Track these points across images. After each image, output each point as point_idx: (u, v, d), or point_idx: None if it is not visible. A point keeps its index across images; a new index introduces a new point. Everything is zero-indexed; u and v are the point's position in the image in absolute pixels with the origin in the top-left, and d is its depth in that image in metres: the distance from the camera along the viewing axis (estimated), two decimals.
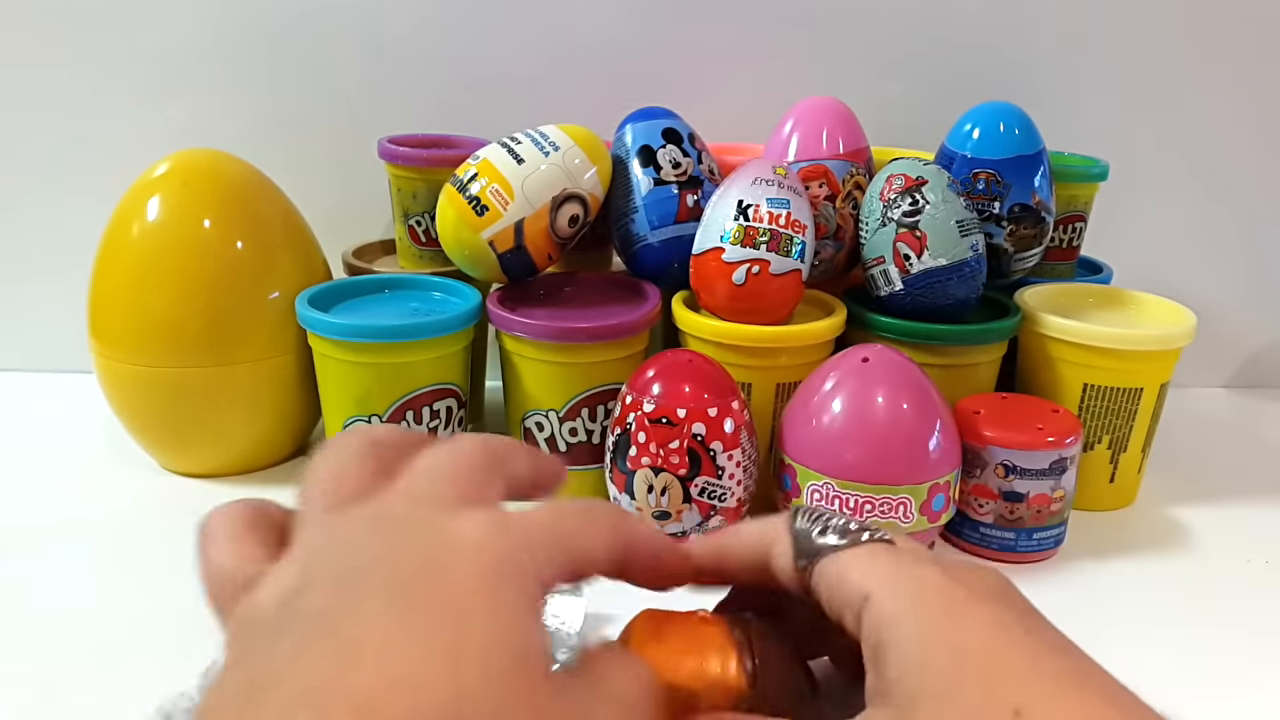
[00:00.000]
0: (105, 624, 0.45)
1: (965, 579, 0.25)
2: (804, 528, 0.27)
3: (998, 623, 0.23)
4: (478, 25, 0.70)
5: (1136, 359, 0.55)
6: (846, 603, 0.25)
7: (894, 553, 0.26)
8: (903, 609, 0.24)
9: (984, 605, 0.24)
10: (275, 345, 0.57)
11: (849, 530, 0.27)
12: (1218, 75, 0.73)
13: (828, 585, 0.26)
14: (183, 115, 0.70)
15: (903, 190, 0.54)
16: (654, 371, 0.50)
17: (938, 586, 0.24)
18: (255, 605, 0.23)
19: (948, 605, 0.24)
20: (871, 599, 0.24)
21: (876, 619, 0.24)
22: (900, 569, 0.25)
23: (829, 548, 0.26)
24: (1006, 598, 0.25)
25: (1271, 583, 0.52)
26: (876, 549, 0.26)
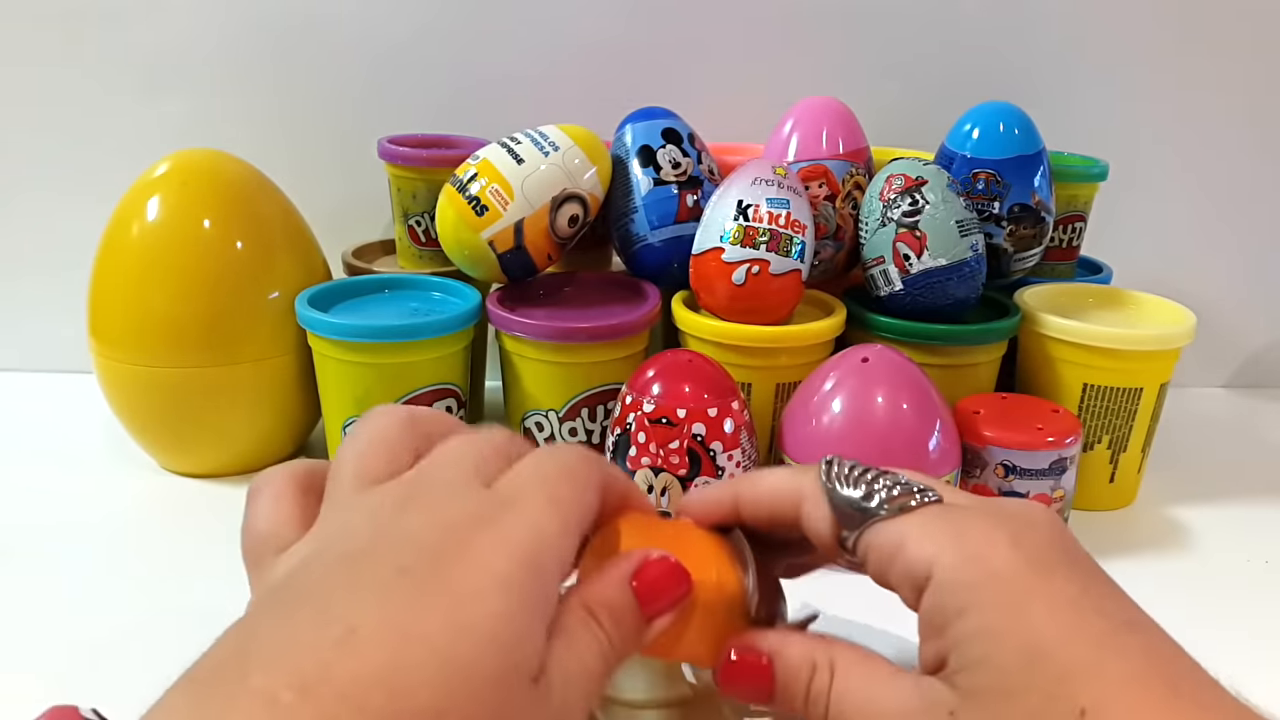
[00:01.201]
0: (105, 624, 0.45)
1: (1028, 541, 0.24)
2: (846, 494, 0.26)
3: (1068, 604, 0.22)
4: (477, 25, 0.70)
5: (1136, 359, 0.55)
6: (905, 577, 0.24)
7: (949, 518, 0.24)
8: (968, 596, 0.23)
9: (1051, 581, 0.23)
10: (275, 345, 0.57)
11: (896, 495, 0.25)
12: (1218, 75, 0.73)
13: (880, 555, 0.25)
14: (183, 115, 0.70)
15: (903, 190, 0.54)
16: (654, 371, 0.50)
17: (1003, 564, 0.23)
18: (273, 573, 0.23)
19: (1015, 589, 0.23)
20: (934, 580, 0.23)
21: (940, 603, 0.23)
22: (962, 541, 0.24)
23: (878, 516, 0.25)
24: (1071, 559, 0.24)
25: (1271, 583, 0.52)
26: (930, 514, 0.25)
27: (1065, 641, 0.22)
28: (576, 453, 0.26)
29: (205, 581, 0.49)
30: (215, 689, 0.19)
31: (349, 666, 0.18)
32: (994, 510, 0.25)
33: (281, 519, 0.24)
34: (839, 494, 0.26)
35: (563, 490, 0.24)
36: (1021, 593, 0.22)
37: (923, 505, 0.25)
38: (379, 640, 0.19)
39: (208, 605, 0.47)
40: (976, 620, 0.22)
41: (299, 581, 0.21)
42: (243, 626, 0.21)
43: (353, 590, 0.20)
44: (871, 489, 0.26)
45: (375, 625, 0.19)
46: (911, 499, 0.25)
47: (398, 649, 0.19)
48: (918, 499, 0.25)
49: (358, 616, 0.19)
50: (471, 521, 0.22)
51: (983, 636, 0.22)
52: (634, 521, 0.27)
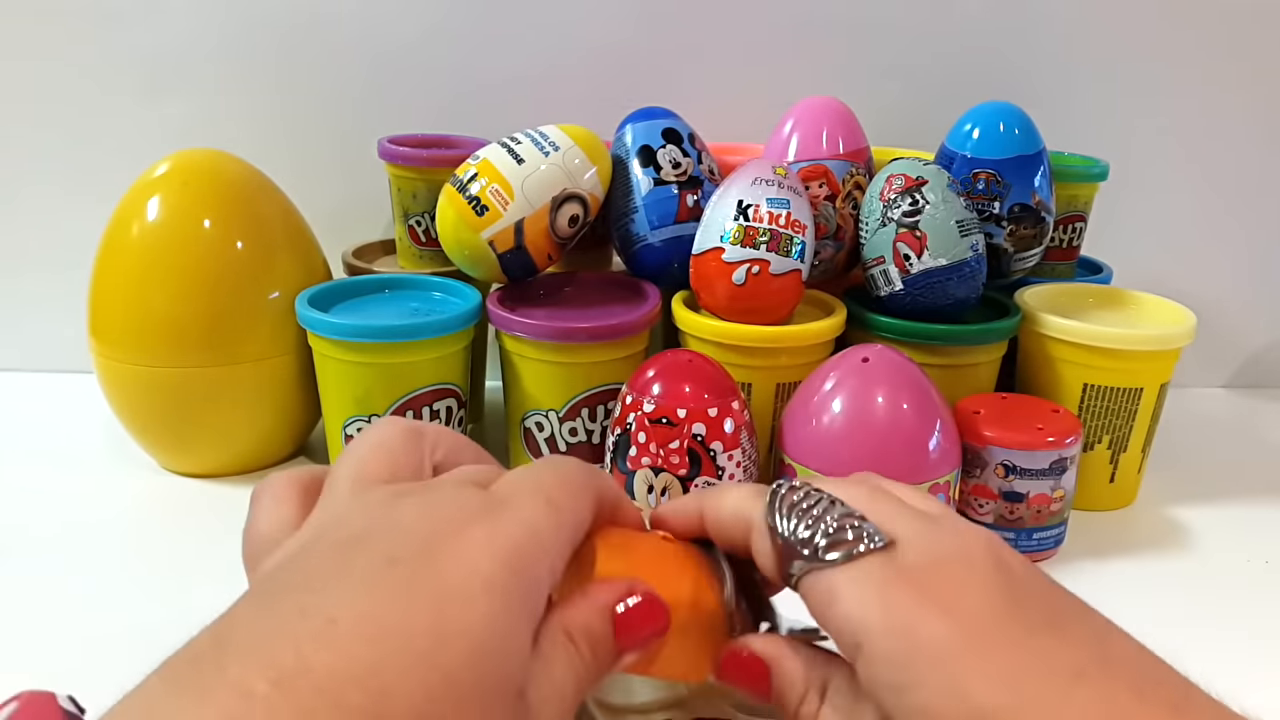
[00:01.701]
0: (105, 624, 0.45)
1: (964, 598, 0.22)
2: (786, 530, 0.25)
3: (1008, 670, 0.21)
4: (478, 26, 0.70)
5: (1136, 359, 0.55)
6: (836, 635, 0.24)
7: (883, 577, 0.23)
8: (902, 675, 0.22)
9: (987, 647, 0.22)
10: (275, 345, 0.57)
11: (840, 541, 0.24)
12: (1218, 74, 0.73)
13: (817, 603, 0.24)
14: (183, 115, 0.70)
15: (903, 190, 0.54)
16: (654, 371, 0.50)
17: (934, 634, 0.22)
18: (264, 568, 0.23)
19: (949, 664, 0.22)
20: (864, 651, 0.23)
21: (874, 676, 0.23)
22: (890, 609, 0.22)
23: (818, 562, 0.24)
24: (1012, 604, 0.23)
25: (1271, 583, 0.52)
26: (866, 568, 0.23)
27: (1007, 709, 0.21)
28: (573, 463, 0.26)
29: (205, 581, 0.49)
30: (191, 679, 0.18)
31: (326, 660, 0.18)
32: (931, 561, 0.24)
33: (282, 521, 0.24)
34: (779, 530, 0.25)
35: (559, 495, 0.24)
36: (957, 668, 0.21)
37: (867, 553, 0.24)
38: (360, 634, 0.19)
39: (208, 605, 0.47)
40: (916, 700, 0.22)
41: (285, 572, 0.21)
42: (225, 616, 0.20)
43: (339, 579, 0.20)
44: (815, 532, 0.24)
45: (357, 618, 0.19)
46: (856, 545, 0.24)
47: (379, 646, 0.18)
48: (864, 545, 0.24)
49: (340, 608, 0.19)
50: (465, 516, 0.22)
51: (921, 715, 0.21)
52: (612, 539, 0.27)
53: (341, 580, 0.20)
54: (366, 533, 0.21)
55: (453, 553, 0.21)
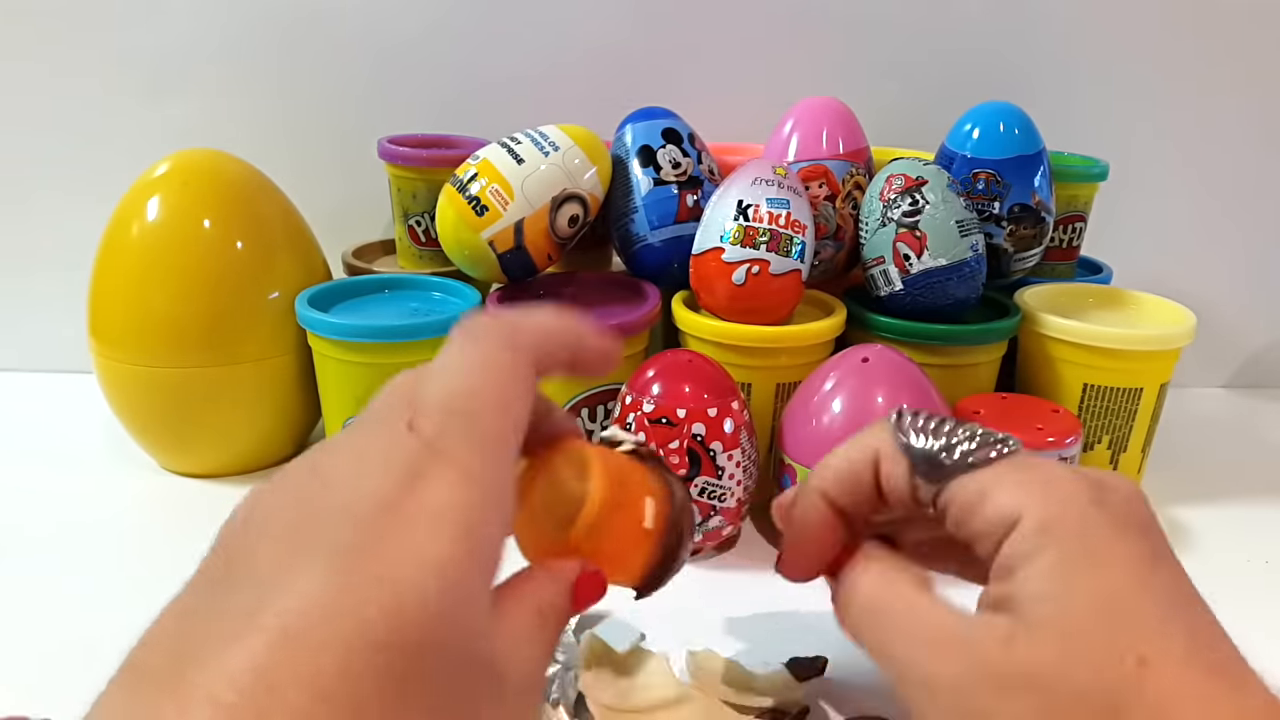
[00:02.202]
0: (105, 624, 0.45)
1: (1109, 500, 0.24)
2: (923, 447, 0.26)
3: (1143, 563, 0.23)
4: (478, 25, 0.70)
5: (1136, 359, 0.55)
6: (987, 526, 0.24)
7: (1033, 469, 0.25)
8: (1048, 541, 0.23)
9: (1128, 540, 0.23)
10: (275, 345, 0.57)
11: (976, 446, 0.25)
12: (1218, 75, 0.73)
13: (963, 507, 0.25)
14: (184, 115, 0.70)
15: (903, 190, 0.54)
16: (654, 371, 0.50)
17: (1086, 515, 0.23)
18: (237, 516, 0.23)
19: (1094, 539, 0.23)
20: (1020, 526, 0.23)
21: (1021, 548, 0.23)
22: (1047, 492, 0.24)
23: (961, 468, 0.25)
24: (1148, 528, 0.24)
25: (1271, 583, 0.52)
26: (1012, 465, 0.25)
27: (1136, 594, 0.22)
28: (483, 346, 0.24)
29: None
30: (153, 687, 0.19)
31: (288, 667, 0.18)
32: (1075, 469, 0.25)
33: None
34: (916, 448, 0.26)
35: (490, 419, 0.22)
36: (1100, 543, 0.23)
37: (1002, 456, 0.25)
38: (316, 637, 0.18)
39: None
40: (1053, 559, 0.23)
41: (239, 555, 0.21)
42: (182, 607, 0.21)
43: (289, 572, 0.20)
44: (950, 441, 0.25)
45: (313, 619, 0.18)
46: (992, 450, 0.25)
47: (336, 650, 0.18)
48: (998, 449, 0.25)
49: (293, 606, 0.19)
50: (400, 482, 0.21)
51: (1056, 576, 0.23)
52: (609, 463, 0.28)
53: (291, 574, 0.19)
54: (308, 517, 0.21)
55: (397, 539, 0.20)
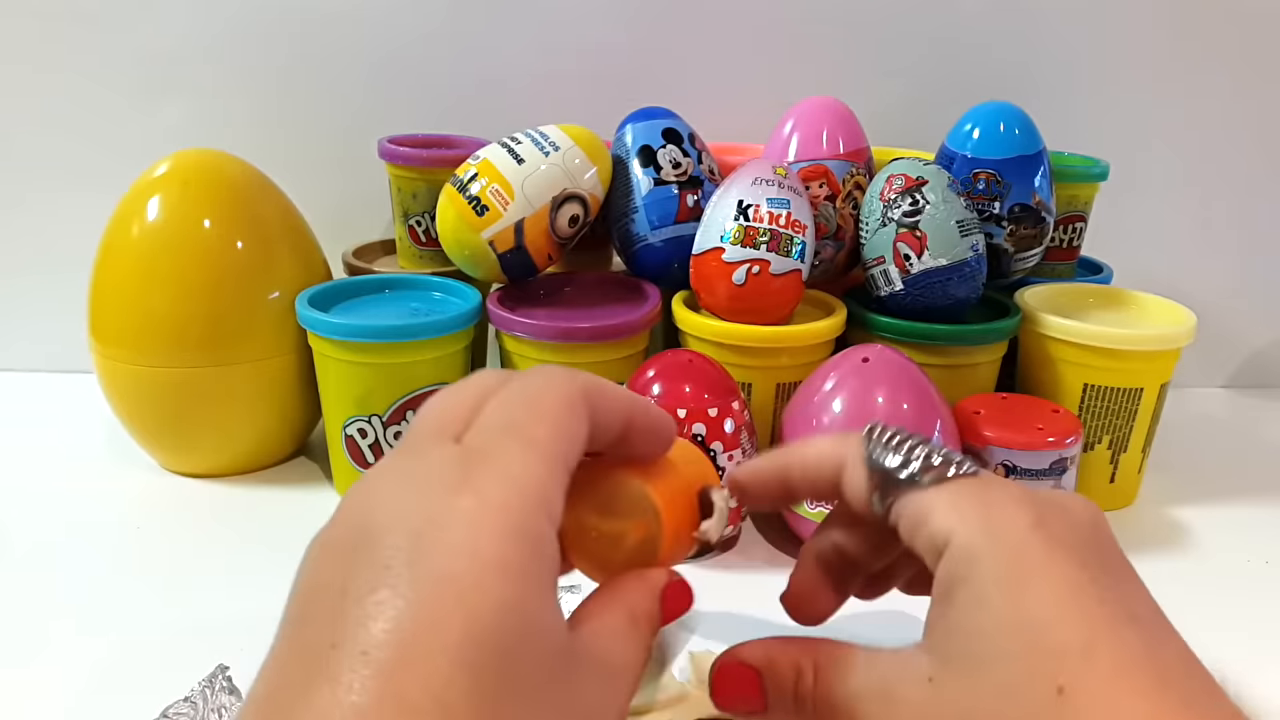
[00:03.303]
0: (105, 623, 0.45)
1: (1052, 524, 0.24)
2: (885, 462, 0.26)
3: (1071, 587, 0.22)
4: (478, 25, 0.70)
5: (1136, 359, 0.55)
6: (928, 545, 0.25)
7: (979, 492, 0.25)
8: (974, 567, 0.23)
9: (1061, 563, 0.23)
10: (275, 345, 0.57)
11: (934, 465, 0.26)
12: (1218, 75, 0.73)
13: (908, 524, 0.25)
14: (183, 115, 0.70)
15: (903, 190, 0.54)
16: (654, 371, 0.50)
17: (1017, 540, 0.23)
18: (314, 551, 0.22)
19: (1020, 564, 0.23)
20: (949, 548, 0.24)
21: (950, 570, 0.23)
22: (984, 515, 0.24)
23: (911, 485, 0.25)
24: (1094, 548, 0.24)
25: (1271, 583, 0.52)
26: (961, 488, 0.25)
27: (1058, 621, 0.22)
28: (544, 375, 0.24)
29: (205, 581, 0.49)
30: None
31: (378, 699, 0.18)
32: (1028, 493, 0.25)
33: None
34: (877, 461, 0.26)
35: (537, 429, 0.23)
36: (1026, 569, 0.23)
37: (958, 477, 0.25)
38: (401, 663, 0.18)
39: (208, 605, 0.47)
40: (978, 587, 0.23)
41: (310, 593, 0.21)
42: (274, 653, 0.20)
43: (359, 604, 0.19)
44: (909, 458, 0.26)
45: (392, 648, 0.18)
46: (948, 469, 0.25)
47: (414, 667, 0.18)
48: (954, 469, 0.25)
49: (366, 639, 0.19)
50: (446, 489, 0.21)
51: (977, 604, 0.23)
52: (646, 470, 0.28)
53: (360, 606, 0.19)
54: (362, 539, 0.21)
55: (448, 544, 0.20)
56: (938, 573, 0.24)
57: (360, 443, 0.55)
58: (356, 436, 0.54)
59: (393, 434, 0.54)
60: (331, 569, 0.20)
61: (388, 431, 0.54)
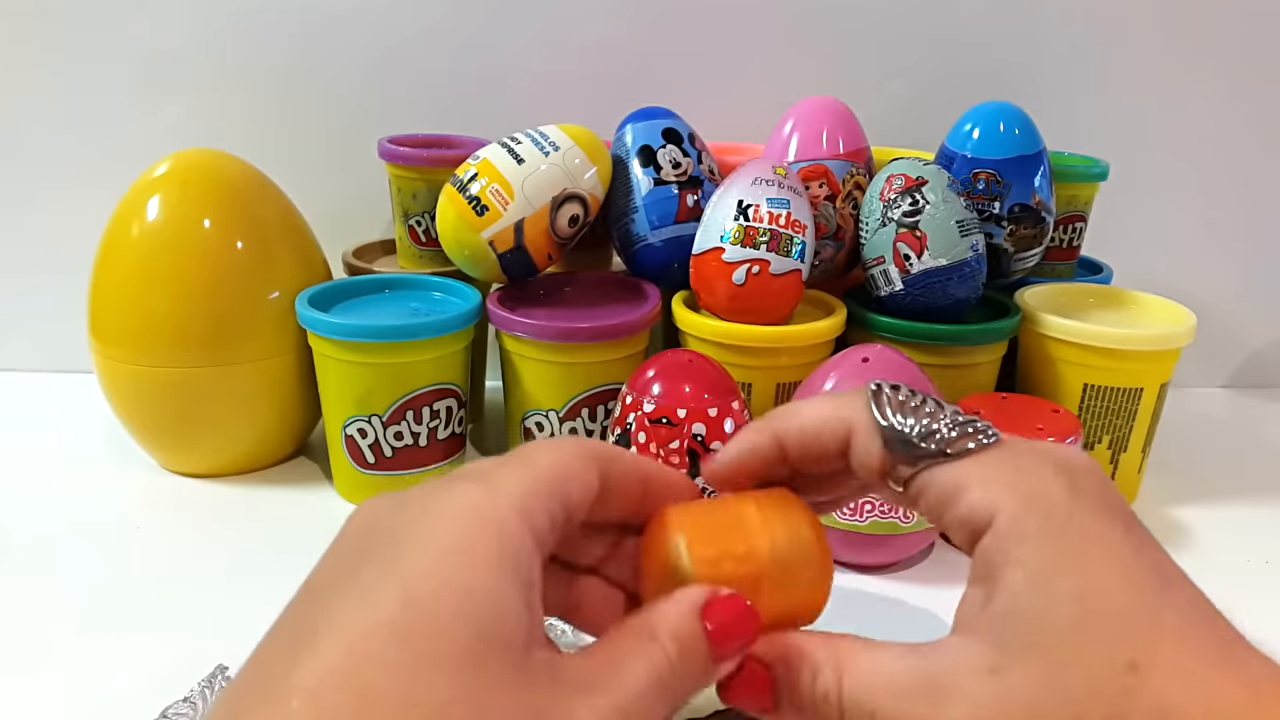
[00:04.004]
0: (105, 625, 0.45)
1: (1084, 489, 0.23)
2: (901, 428, 0.24)
3: (1123, 554, 0.22)
4: (478, 25, 0.70)
5: (1136, 359, 0.55)
6: (962, 522, 0.23)
7: (1009, 462, 0.24)
8: (1026, 545, 0.22)
9: (1108, 530, 0.22)
10: (275, 345, 0.57)
11: (956, 435, 0.24)
12: (1218, 75, 0.73)
13: (938, 498, 0.24)
14: (183, 115, 0.70)
15: (903, 190, 0.54)
16: (654, 371, 0.49)
17: (1063, 512, 0.22)
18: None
19: (1071, 540, 0.22)
20: (994, 527, 0.23)
21: (998, 548, 0.22)
22: (1023, 489, 0.23)
23: (939, 457, 0.24)
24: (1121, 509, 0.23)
25: (1271, 583, 0.52)
26: (990, 458, 0.24)
27: (1119, 591, 0.21)
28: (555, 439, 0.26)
29: (205, 581, 0.49)
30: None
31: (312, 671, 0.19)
32: (1050, 454, 0.24)
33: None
34: (893, 428, 0.24)
35: (537, 453, 0.24)
36: (1079, 544, 0.22)
37: (982, 448, 0.24)
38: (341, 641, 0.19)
39: (208, 605, 0.47)
40: (1030, 568, 0.22)
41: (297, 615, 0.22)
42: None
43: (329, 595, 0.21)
44: (929, 425, 0.24)
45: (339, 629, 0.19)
46: (970, 440, 0.24)
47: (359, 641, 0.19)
48: (977, 440, 0.24)
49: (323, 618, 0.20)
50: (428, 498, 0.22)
51: (1035, 586, 0.22)
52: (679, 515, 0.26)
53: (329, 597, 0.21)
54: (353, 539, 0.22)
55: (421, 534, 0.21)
56: (978, 552, 0.23)
57: (360, 443, 0.55)
58: (356, 436, 0.54)
59: (393, 434, 0.54)
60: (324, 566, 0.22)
61: (388, 431, 0.54)
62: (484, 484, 0.22)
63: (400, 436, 0.54)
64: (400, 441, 0.55)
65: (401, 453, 0.55)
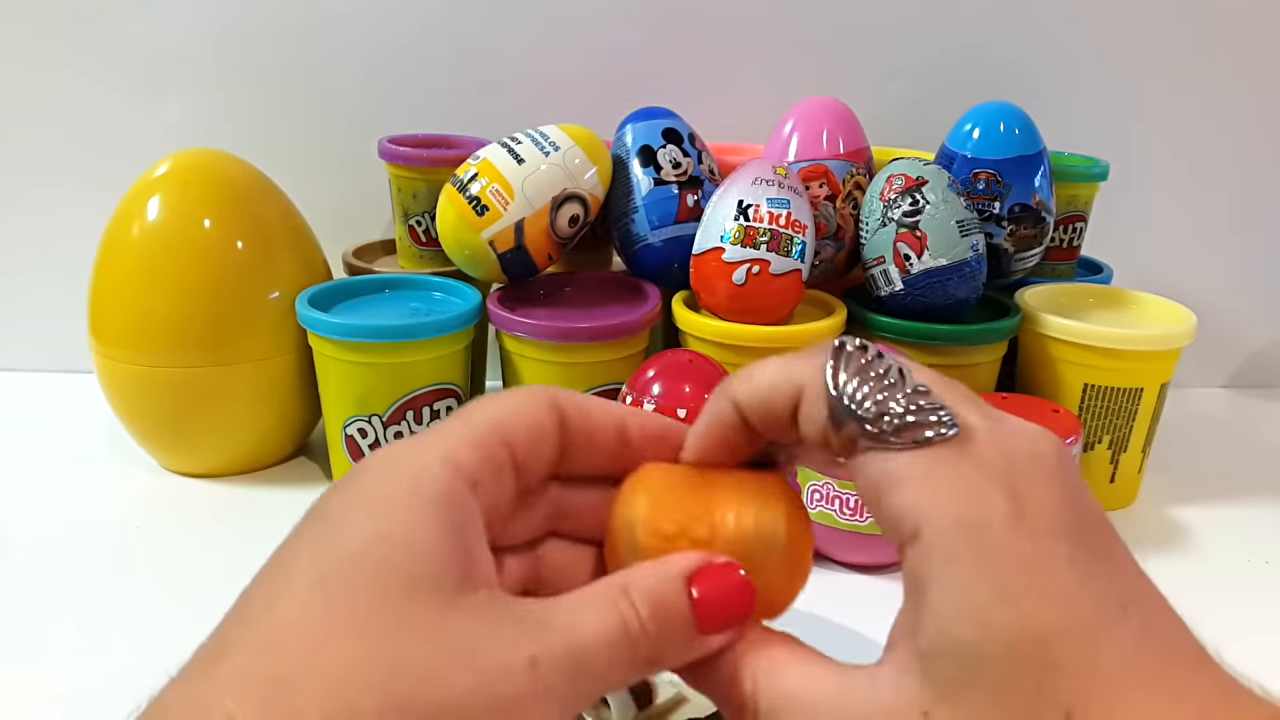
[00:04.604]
0: (105, 624, 0.45)
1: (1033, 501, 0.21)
2: (849, 401, 0.22)
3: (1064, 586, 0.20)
4: (478, 25, 0.70)
5: (1136, 359, 0.55)
6: (890, 524, 0.21)
7: (951, 465, 0.21)
8: (955, 570, 0.20)
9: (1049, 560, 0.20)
10: (275, 345, 0.57)
11: (909, 423, 0.21)
12: (1219, 75, 0.73)
13: (868, 487, 0.22)
14: (184, 114, 0.70)
15: (903, 190, 0.54)
16: (654, 371, 0.49)
17: (1000, 536, 0.20)
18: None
19: (1008, 568, 0.20)
20: (921, 541, 0.21)
21: (926, 570, 0.20)
22: (958, 501, 0.20)
23: (882, 442, 0.21)
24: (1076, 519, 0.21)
25: (1271, 583, 0.52)
26: (934, 459, 0.21)
27: (1057, 627, 0.20)
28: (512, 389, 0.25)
29: (205, 580, 0.49)
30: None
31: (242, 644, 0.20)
32: (1002, 458, 0.21)
33: None
34: (841, 399, 0.22)
35: (473, 408, 0.23)
36: (1016, 567, 0.20)
37: (937, 441, 0.21)
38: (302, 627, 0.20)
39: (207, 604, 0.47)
40: (963, 591, 0.20)
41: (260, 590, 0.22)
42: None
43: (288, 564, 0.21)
44: (883, 405, 0.22)
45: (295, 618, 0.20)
46: (925, 430, 0.21)
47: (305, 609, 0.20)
48: (934, 430, 0.21)
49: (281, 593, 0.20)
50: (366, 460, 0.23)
51: (967, 616, 0.20)
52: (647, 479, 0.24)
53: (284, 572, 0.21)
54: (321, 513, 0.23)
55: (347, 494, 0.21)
56: (906, 565, 0.21)
57: (360, 443, 0.55)
58: (356, 436, 0.54)
59: (393, 434, 0.54)
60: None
61: (388, 431, 0.54)
62: (415, 439, 0.22)
63: (400, 436, 0.54)
64: None
65: None
